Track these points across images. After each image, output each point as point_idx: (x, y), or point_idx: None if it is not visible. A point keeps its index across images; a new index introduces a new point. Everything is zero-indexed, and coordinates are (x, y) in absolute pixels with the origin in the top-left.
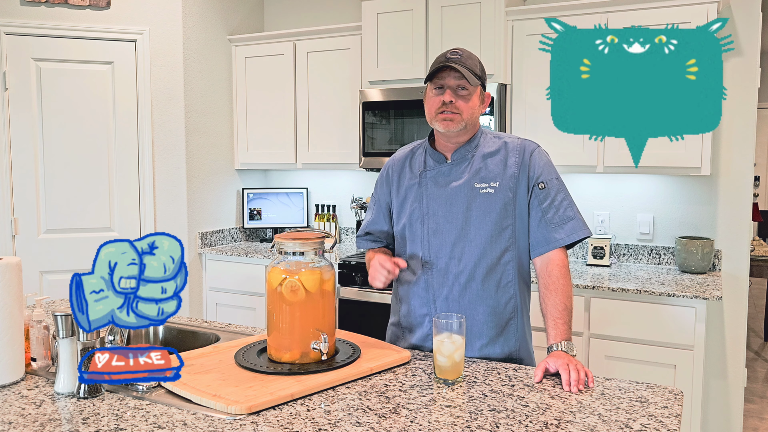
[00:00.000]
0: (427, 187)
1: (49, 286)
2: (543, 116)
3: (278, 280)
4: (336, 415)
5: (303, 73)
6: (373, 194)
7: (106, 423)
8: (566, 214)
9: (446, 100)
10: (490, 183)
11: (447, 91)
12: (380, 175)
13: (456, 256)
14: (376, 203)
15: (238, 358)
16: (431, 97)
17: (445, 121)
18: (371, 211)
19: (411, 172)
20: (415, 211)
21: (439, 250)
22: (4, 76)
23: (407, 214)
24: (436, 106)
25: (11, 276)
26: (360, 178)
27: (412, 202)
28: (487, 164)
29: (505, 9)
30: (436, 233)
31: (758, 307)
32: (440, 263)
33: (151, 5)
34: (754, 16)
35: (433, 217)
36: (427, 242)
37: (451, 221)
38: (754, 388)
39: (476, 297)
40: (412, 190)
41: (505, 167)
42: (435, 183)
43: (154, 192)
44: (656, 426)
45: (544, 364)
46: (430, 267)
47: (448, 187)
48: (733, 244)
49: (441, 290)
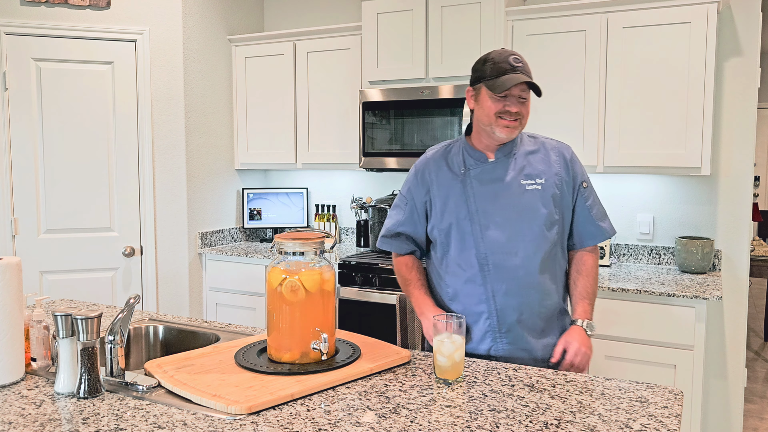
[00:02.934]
0: (473, 185)
1: (49, 286)
2: (543, 116)
3: (278, 280)
4: (336, 415)
5: (303, 73)
6: (404, 194)
7: (106, 423)
8: (602, 210)
9: (513, 111)
10: (536, 180)
11: (513, 101)
12: (413, 175)
13: (512, 251)
14: (409, 203)
15: (238, 358)
16: (490, 101)
17: (507, 128)
18: (401, 212)
19: (451, 172)
20: (461, 210)
21: (493, 246)
22: (4, 76)
23: (453, 213)
24: (496, 110)
25: (11, 276)
26: (360, 178)
27: (456, 201)
28: (530, 162)
29: (505, 9)
30: (488, 230)
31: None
32: (496, 259)
33: (151, 5)
34: (754, 16)
35: (483, 214)
36: (481, 239)
37: (502, 217)
38: (754, 388)
39: (534, 290)
40: (455, 189)
41: (549, 165)
42: (480, 181)
43: (154, 192)
44: (656, 426)
45: (564, 343)
46: (486, 263)
47: (494, 185)
48: (733, 244)
49: (500, 286)
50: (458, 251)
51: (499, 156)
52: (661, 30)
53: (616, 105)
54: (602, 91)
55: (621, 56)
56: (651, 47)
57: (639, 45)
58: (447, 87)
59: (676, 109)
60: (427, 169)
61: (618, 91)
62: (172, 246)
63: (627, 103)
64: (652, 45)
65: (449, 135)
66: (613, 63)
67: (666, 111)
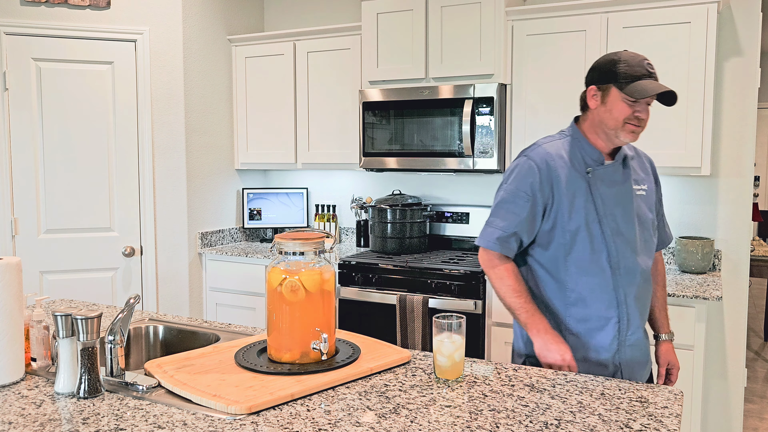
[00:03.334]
0: (597, 186)
1: (49, 286)
2: (543, 116)
3: (278, 280)
4: (336, 415)
5: (303, 73)
6: (524, 190)
7: (106, 423)
8: None
9: (642, 117)
10: (641, 185)
11: (643, 106)
12: (534, 169)
13: (637, 256)
14: (531, 200)
15: (238, 358)
16: (622, 105)
17: (633, 133)
18: (521, 208)
19: (575, 169)
20: (590, 211)
21: (624, 250)
22: (4, 76)
23: (581, 213)
24: (626, 115)
25: (11, 276)
26: (360, 178)
27: (584, 202)
28: (634, 167)
29: (505, 9)
30: (617, 234)
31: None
32: (627, 263)
33: (151, 5)
34: (754, 16)
35: (611, 217)
36: (612, 243)
37: (627, 222)
38: (754, 388)
39: (648, 296)
40: (581, 189)
41: (647, 171)
42: (602, 182)
43: (154, 192)
44: (656, 426)
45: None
46: (618, 267)
47: (616, 188)
48: (733, 244)
49: (631, 289)
50: (587, 254)
51: (617, 159)
52: (661, 30)
53: None
54: None
55: None
56: (651, 47)
57: (639, 45)
58: (447, 87)
59: (676, 109)
60: (552, 164)
61: None
62: (172, 246)
63: None
64: (652, 45)
65: (449, 135)
66: None
67: (666, 111)
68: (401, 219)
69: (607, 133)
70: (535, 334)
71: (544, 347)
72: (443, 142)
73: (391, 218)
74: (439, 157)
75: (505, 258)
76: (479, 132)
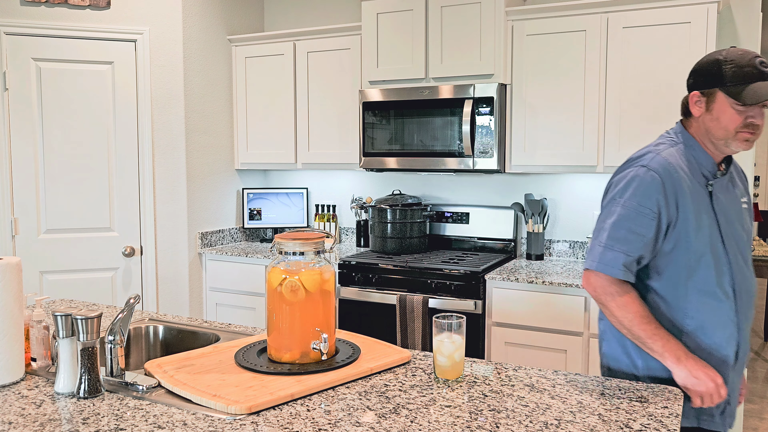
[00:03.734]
0: (718, 200)
1: (49, 286)
2: (543, 116)
3: (278, 280)
4: (336, 415)
5: (303, 73)
6: (648, 206)
7: (106, 423)
8: None
9: (758, 123)
10: (742, 198)
11: (758, 111)
12: (661, 182)
13: (751, 277)
14: (656, 219)
15: (238, 358)
16: (732, 112)
17: (747, 142)
18: (645, 228)
19: (695, 181)
20: (713, 229)
21: (744, 271)
22: (4, 76)
23: (707, 232)
24: (738, 123)
25: (11, 276)
26: (360, 178)
27: (708, 219)
28: (735, 178)
29: (505, 9)
30: (737, 254)
31: (758, 307)
32: (747, 285)
33: (151, 5)
34: (754, 16)
35: (731, 236)
36: (735, 264)
37: (739, 239)
38: (754, 388)
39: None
40: (704, 204)
41: (743, 182)
42: (722, 196)
43: (154, 192)
44: (656, 426)
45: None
46: (740, 292)
47: (732, 202)
48: None
49: (747, 314)
50: (713, 277)
51: (728, 169)
52: (661, 30)
53: (616, 105)
54: (602, 91)
55: (621, 56)
56: (651, 47)
57: (639, 45)
58: (447, 87)
59: (677, 109)
60: (676, 176)
61: (618, 91)
62: (172, 246)
63: (627, 103)
64: (652, 45)
65: (449, 135)
66: (613, 63)
67: (666, 111)
68: (401, 219)
69: (715, 143)
70: (674, 363)
71: (690, 376)
72: (443, 142)
73: (391, 218)
74: (439, 157)
75: (623, 283)
76: (479, 132)
